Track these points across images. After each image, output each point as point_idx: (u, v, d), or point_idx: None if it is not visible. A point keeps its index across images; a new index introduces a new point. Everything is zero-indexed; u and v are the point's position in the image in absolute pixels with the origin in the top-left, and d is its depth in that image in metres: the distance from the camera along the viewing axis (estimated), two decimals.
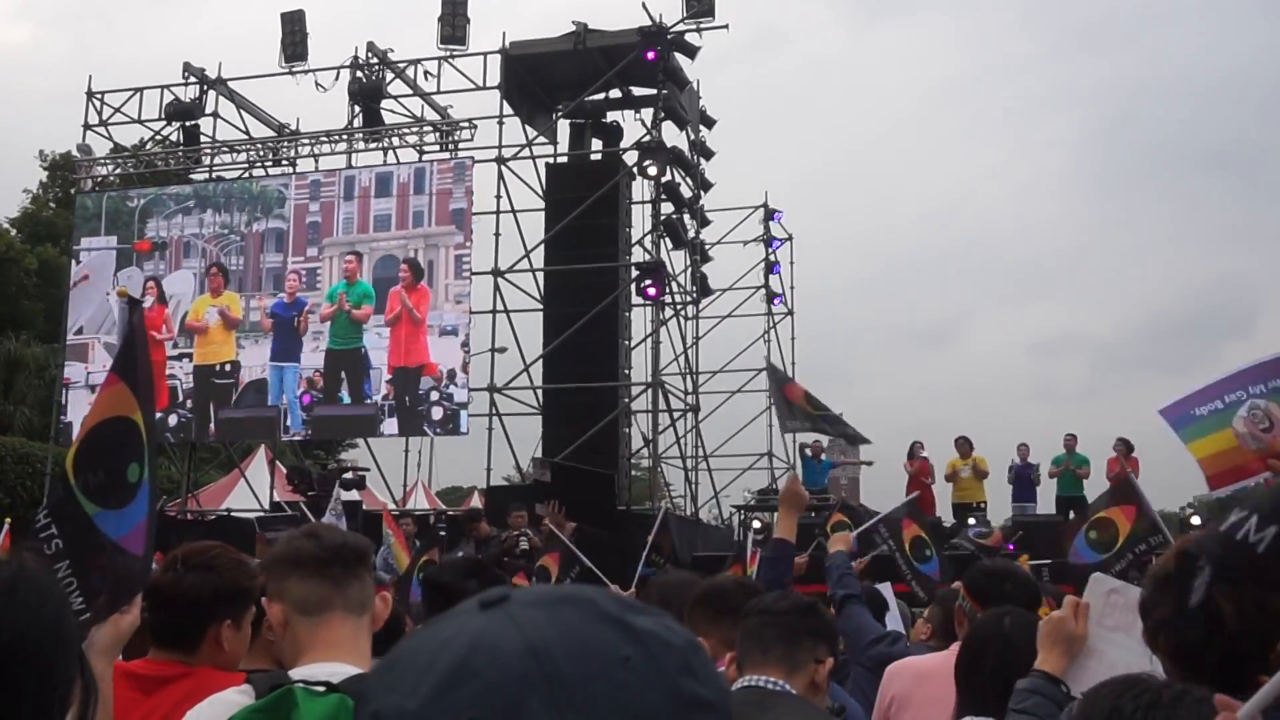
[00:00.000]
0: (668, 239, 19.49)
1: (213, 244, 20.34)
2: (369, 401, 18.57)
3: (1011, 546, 14.53)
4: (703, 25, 18.10)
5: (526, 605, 0.67)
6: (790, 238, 25.05)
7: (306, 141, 19.96)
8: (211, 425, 19.68)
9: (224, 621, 3.05)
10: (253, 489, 19.38)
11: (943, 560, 7.19)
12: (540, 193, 19.52)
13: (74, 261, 20.37)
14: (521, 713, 0.60)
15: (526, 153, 19.16)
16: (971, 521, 13.99)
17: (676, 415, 19.41)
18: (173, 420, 19.65)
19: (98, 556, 2.35)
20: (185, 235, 20.51)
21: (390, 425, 18.57)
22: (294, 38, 19.46)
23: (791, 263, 24.94)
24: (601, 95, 19.50)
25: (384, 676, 0.68)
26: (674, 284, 20.32)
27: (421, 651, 0.67)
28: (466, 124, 18.74)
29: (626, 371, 18.85)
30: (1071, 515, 14.94)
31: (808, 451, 17.65)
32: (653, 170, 17.68)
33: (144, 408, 2.58)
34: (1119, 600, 2.45)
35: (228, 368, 19.65)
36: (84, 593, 2.30)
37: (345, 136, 19.49)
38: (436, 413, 17.98)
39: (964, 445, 15.57)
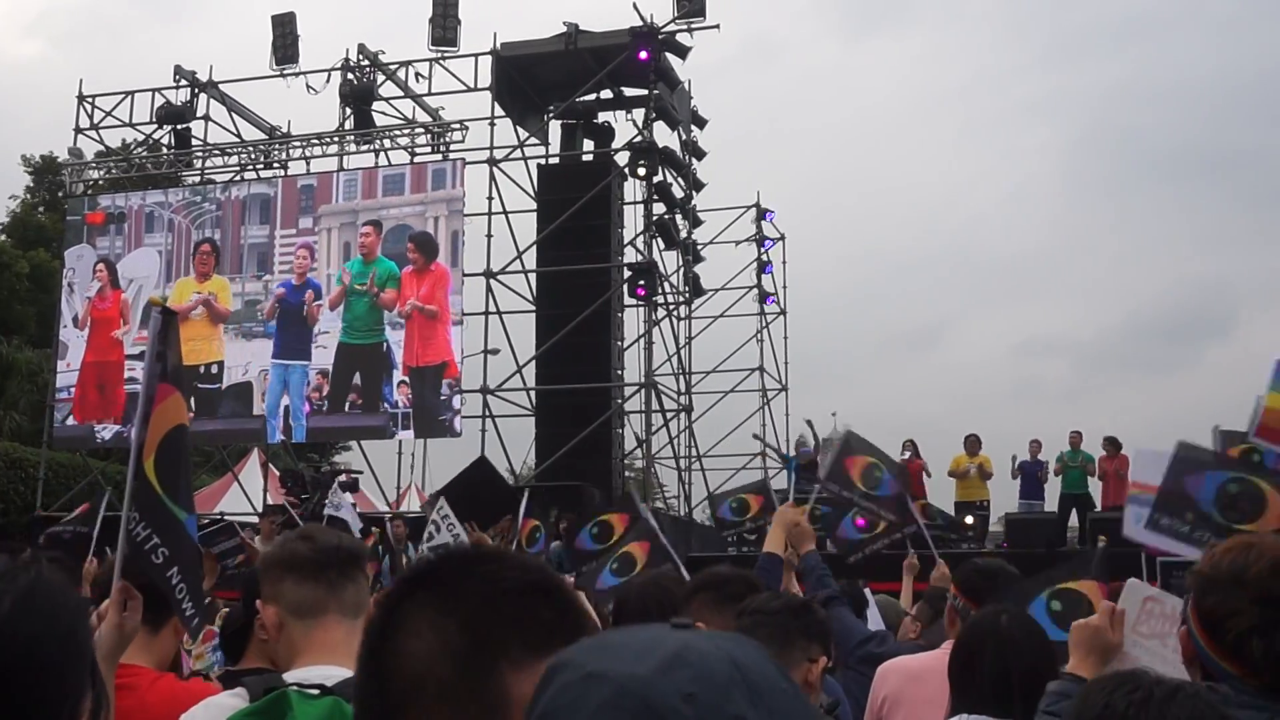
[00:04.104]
0: (660, 239, 19.47)
1: (182, 214, 17.50)
2: (384, 410, 16.05)
3: (1005, 545, 14.59)
4: (694, 25, 18.10)
5: (713, 634, 0.82)
6: (783, 237, 25.11)
7: (298, 144, 19.87)
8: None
9: None
10: (246, 492, 19.30)
11: (895, 469, 6.96)
12: (532, 194, 19.50)
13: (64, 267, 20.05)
14: (730, 699, 0.74)
15: (518, 154, 19.16)
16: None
17: (669, 416, 19.41)
18: (107, 433, 16.29)
19: (197, 559, 2.44)
20: (148, 204, 17.90)
21: (405, 434, 16.57)
22: (285, 40, 19.38)
23: (784, 262, 25.02)
24: (593, 96, 19.50)
25: (596, 652, 0.79)
26: (666, 284, 20.31)
27: (631, 642, 0.79)
28: (458, 125, 18.70)
29: (619, 372, 18.83)
30: (1074, 513, 14.89)
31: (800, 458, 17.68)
32: (644, 170, 17.68)
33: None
34: (1155, 608, 2.43)
35: (214, 369, 16.73)
36: (193, 596, 2.36)
37: (337, 139, 19.42)
38: (459, 424, 16.35)
39: (973, 443, 15.35)
